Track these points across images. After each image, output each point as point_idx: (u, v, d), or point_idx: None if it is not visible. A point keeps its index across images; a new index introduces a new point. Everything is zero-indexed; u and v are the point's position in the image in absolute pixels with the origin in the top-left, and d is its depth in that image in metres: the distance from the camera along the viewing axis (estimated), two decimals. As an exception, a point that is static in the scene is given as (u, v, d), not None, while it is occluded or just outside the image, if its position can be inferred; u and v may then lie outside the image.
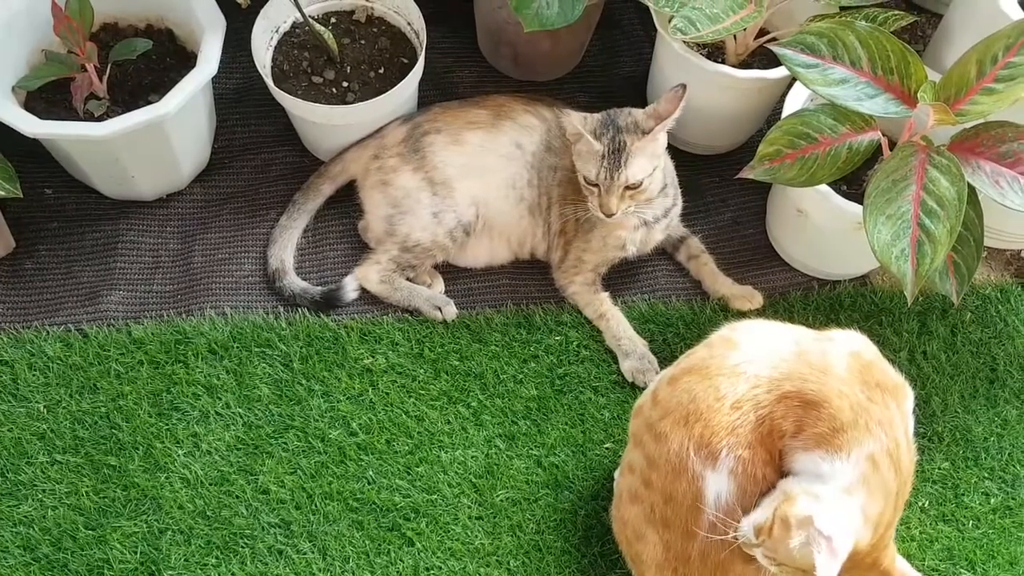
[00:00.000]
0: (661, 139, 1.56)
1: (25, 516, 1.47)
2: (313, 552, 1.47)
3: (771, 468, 1.20)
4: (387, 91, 1.67)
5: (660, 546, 1.27)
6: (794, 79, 1.64)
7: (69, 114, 1.65)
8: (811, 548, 1.09)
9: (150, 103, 1.60)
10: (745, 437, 1.19)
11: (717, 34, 1.54)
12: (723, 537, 1.19)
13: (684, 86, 1.52)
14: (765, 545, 1.14)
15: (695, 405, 1.21)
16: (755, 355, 1.22)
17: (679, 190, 1.71)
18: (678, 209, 1.71)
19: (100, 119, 1.61)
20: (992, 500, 1.57)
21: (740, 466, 1.19)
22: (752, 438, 1.19)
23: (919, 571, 1.24)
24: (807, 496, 1.13)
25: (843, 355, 1.21)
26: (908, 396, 1.22)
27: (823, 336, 1.26)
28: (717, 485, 1.20)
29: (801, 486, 1.15)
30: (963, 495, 1.57)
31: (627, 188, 1.53)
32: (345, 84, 1.74)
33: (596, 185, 1.54)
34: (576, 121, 1.53)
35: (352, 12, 1.82)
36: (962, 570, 1.50)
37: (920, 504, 1.55)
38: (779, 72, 1.66)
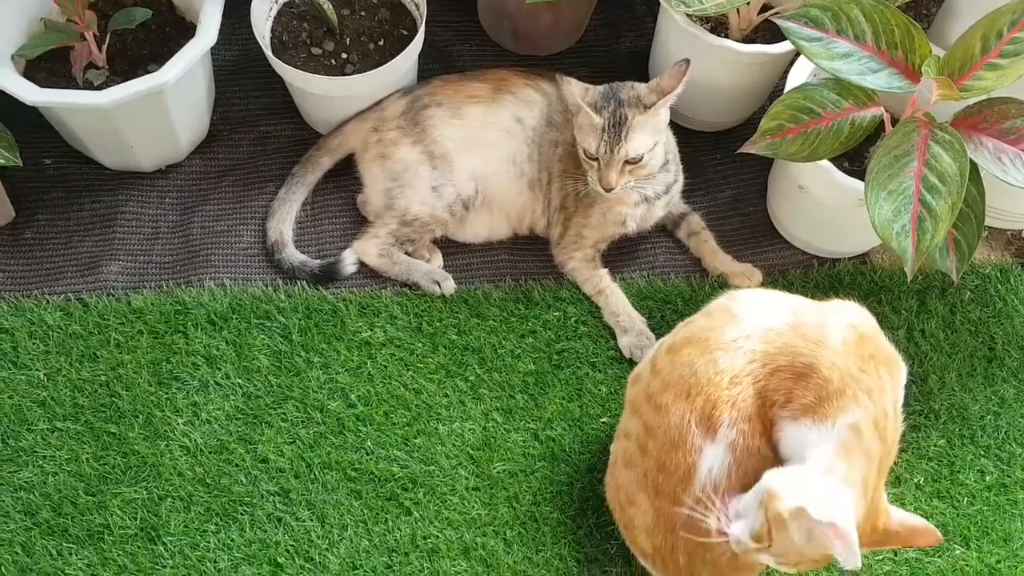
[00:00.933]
0: (663, 114, 1.55)
1: (26, 482, 1.49)
2: (312, 520, 1.48)
3: (765, 440, 1.21)
4: (386, 63, 1.66)
5: (651, 512, 1.28)
6: (797, 55, 1.64)
7: (68, 83, 1.64)
8: (818, 539, 1.09)
9: (149, 73, 1.59)
10: (745, 411, 1.19)
11: (720, 7, 1.53)
12: (701, 520, 1.19)
13: (687, 61, 1.51)
14: (772, 551, 1.14)
15: (696, 379, 1.21)
16: (752, 328, 1.23)
17: (680, 166, 1.71)
18: (679, 185, 1.71)
19: (99, 88, 1.61)
20: (987, 478, 1.57)
21: (741, 439, 1.19)
22: (751, 411, 1.20)
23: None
24: (788, 486, 1.12)
25: (840, 326, 1.21)
26: (901, 369, 1.23)
27: (822, 307, 1.26)
28: (712, 458, 1.21)
29: (780, 478, 1.14)
30: (959, 472, 1.57)
31: (627, 163, 1.53)
32: (344, 56, 1.73)
33: (596, 159, 1.53)
34: (576, 92, 1.52)
35: (352, -17, 1.81)
36: (956, 546, 1.51)
37: (916, 480, 1.56)
38: (782, 47, 1.65)
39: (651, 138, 1.53)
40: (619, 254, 1.74)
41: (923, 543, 1.20)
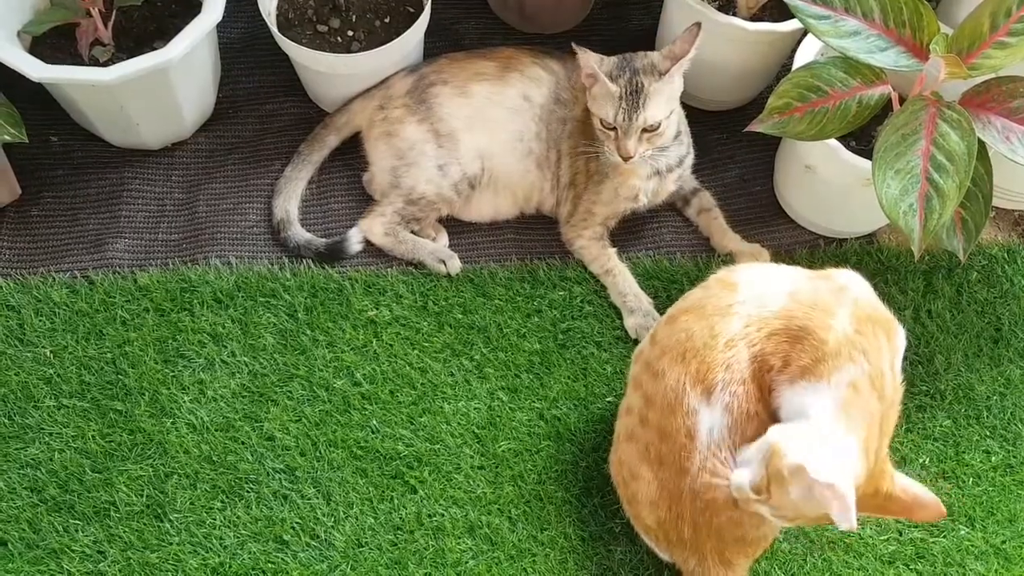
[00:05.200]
0: (678, 82, 1.55)
1: (32, 458, 1.49)
2: (317, 497, 1.48)
3: (762, 405, 1.23)
4: (392, 41, 1.66)
5: (654, 484, 1.29)
6: (805, 33, 1.63)
7: (74, 60, 1.64)
8: (816, 498, 1.09)
9: (155, 50, 1.59)
10: (739, 373, 1.21)
11: (728, -16, 1.52)
12: (712, 477, 1.21)
13: (699, 24, 1.51)
14: (770, 504, 1.15)
15: (692, 342, 1.23)
16: (749, 295, 1.24)
17: (691, 140, 1.70)
18: (691, 159, 1.71)
19: (105, 65, 1.61)
20: (993, 458, 1.57)
21: (735, 402, 1.21)
22: (746, 374, 1.21)
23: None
24: (792, 443, 1.13)
25: (834, 291, 1.23)
26: (898, 331, 1.23)
27: (819, 275, 1.28)
28: (711, 420, 1.22)
29: (784, 433, 1.15)
30: (964, 453, 1.57)
31: (644, 131, 1.52)
32: (350, 33, 1.72)
33: (613, 128, 1.52)
34: (592, 61, 1.51)
35: (359, -39, 1.80)
36: (961, 526, 1.51)
37: (921, 461, 1.56)
38: (790, 25, 1.64)
39: (667, 106, 1.53)
40: (625, 233, 1.74)
41: (926, 517, 1.20)
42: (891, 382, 1.19)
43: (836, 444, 1.13)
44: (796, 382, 1.19)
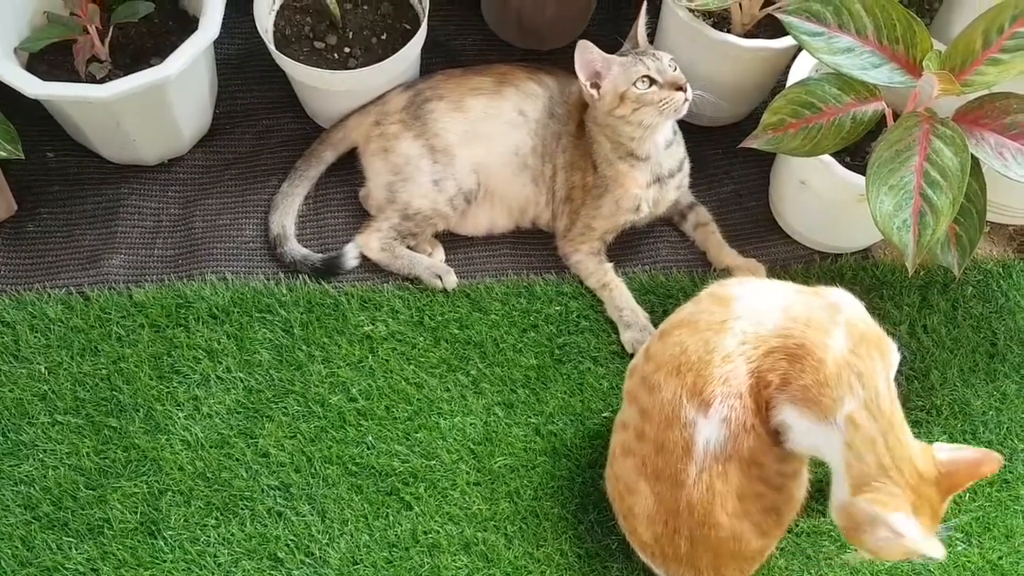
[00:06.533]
0: None
1: (26, 475, 1.48)
2: (312, 514, 1.48)
3: (759, 419, 1.23)
4: (389, 57, 1.67)
5: (651, 498, 1.29)
6: (799, 50, 1.64)
7: (71, 77, 1.64)
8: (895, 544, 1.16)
9: (152, 67, 1.59)
10: (737, 387, 1.22)
11: (723, 2, 1.53)
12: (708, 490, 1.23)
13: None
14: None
15: (687, 356, 1.24)
16: (742, 311, 1.25)
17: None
18: (688, 167, 1.71)
19: (102, 82, 1.61)
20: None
21: (733, 415, 1.22)
22: (743, 388, 1.22)
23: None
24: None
25: (827, 308, 1.24)
26: (892, 348, 1.25)
27: (809, 291, 1.29)
28: (708, 433, 1.23)
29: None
30: (960, 468, 1.57)
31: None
32: (347, 50, 1.73)
33: (652, 82, 1.53)
34: (596, 53, 1.55)
35: (355, -23, 1.81)
36: (958, 542, 1.50)
37: (917, 476, 1.56)
38: (784, 42, 1.65)
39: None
40: (621, 248, 1.74)
41: (988, 471, 1.20)
42: (886, 398, 1.20)
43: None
44: (799, 406, 1.20)
